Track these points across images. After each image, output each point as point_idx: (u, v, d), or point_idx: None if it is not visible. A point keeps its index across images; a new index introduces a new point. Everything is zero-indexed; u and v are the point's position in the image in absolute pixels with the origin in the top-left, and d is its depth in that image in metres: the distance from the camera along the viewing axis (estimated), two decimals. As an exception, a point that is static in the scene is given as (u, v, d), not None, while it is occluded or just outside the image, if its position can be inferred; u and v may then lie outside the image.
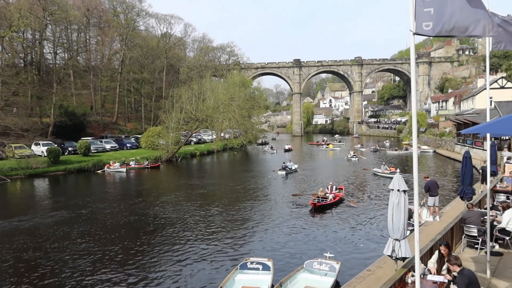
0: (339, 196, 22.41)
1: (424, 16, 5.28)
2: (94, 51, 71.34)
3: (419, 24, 5.31)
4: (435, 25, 5.21)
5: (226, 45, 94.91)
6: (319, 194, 21.75)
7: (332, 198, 21.64)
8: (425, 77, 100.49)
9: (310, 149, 64.39)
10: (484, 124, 8.93)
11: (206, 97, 53.60)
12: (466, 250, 11.68)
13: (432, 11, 5.23)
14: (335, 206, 21.38)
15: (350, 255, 13.88)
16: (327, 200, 21.22)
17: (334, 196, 22.02)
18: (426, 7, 5.27)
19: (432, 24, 5.24)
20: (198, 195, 25.95)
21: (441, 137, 54.28)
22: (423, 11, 5.28)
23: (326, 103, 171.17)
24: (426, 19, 5.28)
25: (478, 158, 32.26)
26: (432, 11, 5.23)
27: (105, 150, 47.50)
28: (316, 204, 20.43)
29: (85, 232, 17.46)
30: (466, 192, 14.20)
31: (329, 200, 21.32)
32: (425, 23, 5.29)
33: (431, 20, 5.23)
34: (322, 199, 21.22)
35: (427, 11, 5.27)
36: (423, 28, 5.29)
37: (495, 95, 45.80)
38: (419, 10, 5.30)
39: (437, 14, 5.21)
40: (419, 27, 5.31)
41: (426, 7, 5.27)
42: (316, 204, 20.47)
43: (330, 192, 22.37)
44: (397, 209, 8.31)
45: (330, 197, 21.62)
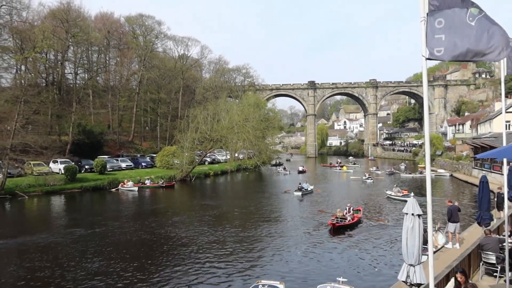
0: (357, 217, 22.74)
1: (436, 42, 5.39)
2: (113, 71, 73.15)
3: (431, 50, 5.42)
4: (447, 50, 5.32)
5: (242, 66, 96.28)
6: (338, 215, 22.07)
7: (350, 219, 21.99)
8: (441, 100, 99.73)
9: (323, 171, 63.99)
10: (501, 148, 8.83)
11: (221, 118, 54.07)
12: (484, 278, 11.37)
13: (443, 37, 5.34)
14: (353, 227, 21.61)
15: (365, 280, 13.63)
16: (346, 221, 21.55)
17: (352, 217, 22.35)
18: (437, 34, 5.39)
19: (443, 50, 5.34)
20: (212, 215, 25.94)
21: (458, 161, 53.38)
22: (434, 37, 5.40)
23: (341, 124, 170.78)
24: (437, 45, 5.39)
25: (496, 183, 31.57)
26: (443, 37, 5.34)
27: (121, 168, 48.04)
28: (335, 225, 20.74)
29: (99, 250, 17.57)
30: (483, 217, 13.91)
31: (347, 221, 21.64)
32: (436, 48, 5.40)
33: (443, 46, 5.33)
34: (341, 219, 21.57)
35: (438, 37, 5.38)
36: (435, 53, 5.40)
37: (513, 119, 45.12)
38: (430, 36, 5.42)
39: (449, 40, 5.32)
40: (431, 52, 5.41)
41: (437, 34, 5.39)
42: (335, 224, 20.77)
43: (348, 213, 22.69)
44: (411, 233, 8.21)
45: (349, 218, 21.97)
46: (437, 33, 5.38)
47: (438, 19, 5.39)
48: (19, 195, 33.17)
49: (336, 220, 21.42)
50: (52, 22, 53.21)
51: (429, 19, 5.43)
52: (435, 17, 5.41)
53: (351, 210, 23.45)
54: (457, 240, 15.19)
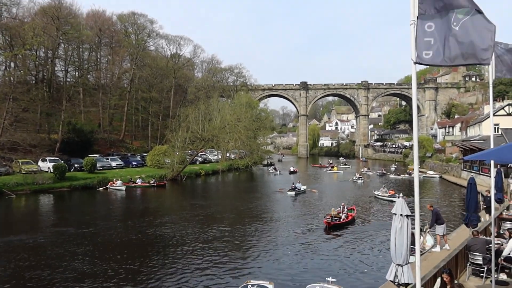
0: (351, 216, 23.40)
1: (425, 45, 5.43)
2: (104, 69, 72.55)
3: (419, 53, 5.45)
4: (434, 54, 5.36)
5: (234, 66, 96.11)
6: (332, 214, 22.75)
7: (344, 217, 22.69)
8: (431, 102, 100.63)
9: (315, 172, 64.26)
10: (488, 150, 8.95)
11: (213, 117, 53.99)
12: (471, 278, 11.48)
13: (432, 41, 5.38)
14: (347, 225, 22.18)
15: (354, 280, 13.70)
16: (340, 220, 22.19)
17: (346, 216, 23.03)
18: (426, 37, 5.43)
19: (431, 54, 5.38)
20: (202, 215, 25.88)
21: (448, 163, 53.94)
22: (424, 40, 5.43)
23: (332, 125, 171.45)
24: (426, 48, 5.42)
25: (484, 185, 31.97)
26: (432, 41, 5.38)
27: (111, 167, 47.71)
28: (330, 223, 21.38)
29: (88, 250, 17.43)
30: (471, 219, 14.04)
31: (342, 219, 22.30)
32: (425, 52, 5.43)
33: (431, 50, 5.37)
34: (335, 218, 22.23)
35: (427, 41, 5.42)
36: (423, 56, 5.43)
37: (502, 122, 45.67)
38: (420, 39, 5.45)
39: (437, 44, 5.36)
40: (419, 56, 5.44)
41: (426, 37, 5.43)
42: (330, 223, 21.42)
43: (342, 212, 23.38)
44: (399, 233, 8.27)
45: (343, 217, 22.68)
46: (427, 36, 5.42)
47: (428, 23, 5.43)
48: (6, 193, 32.72)
49: (331, 219, 21.98)
50: (43, 19, 52.53)
51: (419, 22, 5.46)
52: (425, 21, 5.45)
53: (345, 209, 24.00)
54: (445, 241, 15.26)
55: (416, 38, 5.47)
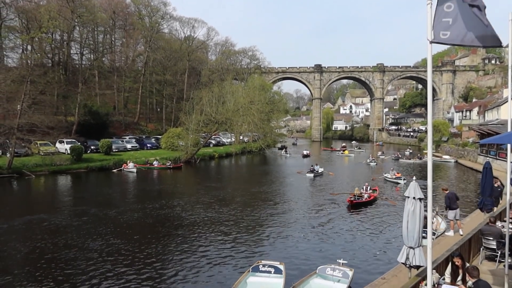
0: (373, 196, 24.57)
1: (443, 25, 5.38)
2: (118, 52, 72.94)
3: (436, 33, 5.41)
4: (452, 34, 5.32)
5: (248, 49, 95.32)
6: (355, 193, 23.90)
7: (367, 197, 23.90)
8: (448, 85, 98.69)
9: (327, 155, 64.17)
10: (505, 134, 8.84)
11: (226, 100, 53.98)
12: (484, 263, 11.50)
13: (450, 21, 5.33)
14: (369, 204, 23.37)
15: (366, 262, 13.82)
16: (362, 199, 23.42)
17: (369, 195, 24.22)
18: (445, 17, 5.37)
19: (449, 33, 5.34)
20: (216, 196, 26.20)
21: (464, 147, 53.13)
22: (442, 21, 5.38)
23: (347, 109, 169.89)
24: (444, 28, 5.38)
25: (501, 170, 31.56)
26: (450, 21, 5.33)
27: (126, 149, 48.45)
28: (352, 202, 22.61)
29: (103, 230, 17.85)
30: (485, 203, 13.92)
31: (364, 199, 23.53)
32: (442, 32, 5.39)
33: (449, 30, 5.33)
34: (358, 197, 23.41)
35: (445, 21, 5.37)
36: (441, 36, 5.39)
37: (521, 106, 44.62)
38: (438, 19, 5.40)
39: (455, 24, 5.31)
40: (436, 36, 5.41)
41: (445, 17, 5.37)
42: (353, 201, 22.64)
43: (365, 192, 24.58)
44: (412, 216, 8.29)
45: (365, 196, 23.92)
46: (445, 16, 5.37)
47: (448, 3, 5.38)
48: (26, 174, 33.61)
49: (354, 197, 23.20)
50: (58, 1, 52.80)
51: (439, 2, 5.41)
52: (445, 1, 5.39)
53: (368, 189, 25.30)
54: (459, 226, 15.21)
55: (435, 18, 5.42)
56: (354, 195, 23.65)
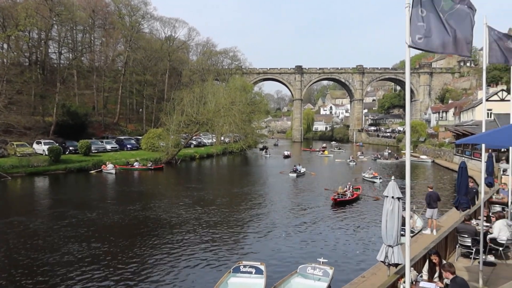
0: (357, 194, 25.44)
1: (418, 29, 5.56)
2: (98, 52, 71.76)
3: (413, 37, 5.59)
4: (425, 39, 5.51)
5: (229, 49, 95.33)
6: (339, 191, 24.70)
7: (350, 195, 24.66)
8: (426, 87, 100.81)
9: (307, 155, 64.76)
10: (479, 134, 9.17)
11: (207, 101, 53.82)
12: (460, 260, 11.84)
13: (424, 26, 5.52)
14: (352, 202, 24.17)
15: (346, 260, 14.04)
16: (346, 197, 24.21)
17: (352, 193, 24.99)
18: (419, 22, 5.56)
19: (423, 38, 5.53)
20: (197, 197, 26.12)
21: (440, 148, 54.44)
22: (417, 25, 5.56)
23: (327, 110, 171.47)
24: (419, 32, 5.56)
25: (476, 170, 32.47)
26: (424, 26, 5.52)
27: (106, 150, 47.78)
28: (336, 200, 23.40)
29: (82, 233, 17.56)
30: (461, 202, 14.32)
31: (347, 197, 24.30)
32: (418, 35, 5.57)
33: (422, 34, 5.52)
34: (341, 195, 24.16)
35: (420, 25, 5.55)
36: (416, 40, 5.58)
37: (495, 108, 46.08)
38: (414, 22, 5.57)
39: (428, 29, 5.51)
40: (413, 40, 5.59)
41: (420, 21, 5.56)
42: (337, 199, 23.42)
43: (348, 190, 25.33)
44: (391, 215, 8.50)
45: (349, 195, 24.65)
46: (420, 20, 5.55)
47: (421, 8, 5.56)
48: (2, 176, 32.72)
49: (338, 195, 23.89)
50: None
51: (414, 8, 5.59)
52: (418, 6, 5.57)
53: (351, 187, 25.99)
54: (434, 226, 15.55)
55: (410, 21, 5.59)
56: (338, 193, 24.38)
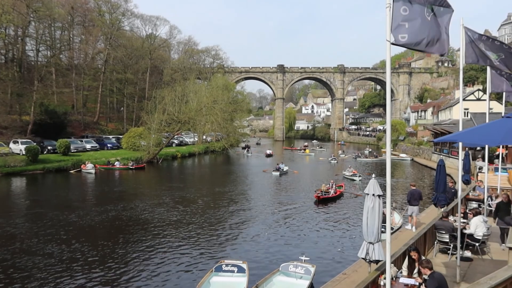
0: (339, 192, 26.07)
1: (400, 28, 5.68)
2: (77, 49, 70.33)
3: (395, 36, 5.70)
4: (409, 37, 5.64)
5: (211, 48, 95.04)
6: (322, 189, 25.20)
7: (333, 192, 25.16)
8: (405, 86, 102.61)
9: (289, 154, 65.15)
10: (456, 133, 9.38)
11: (189, 99, 53.55)
12: (438, 255, 12.10)
13: (407, 25, 5.64)
14: (335, 200, 24.75)
15: (328, 258, 14.18)
16: (329, 194, 24.66)
17: (335, 191, 25.46)
18: (402, 21, 5.68)
19: (407, 36, 5.66)
20: (178, 197, 25.96)
21: (419, 146, 55.49)
22: (399, 24, 5.68)
23: (308, 109, 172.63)
24: (401, 31, 5.69)
25: (453, 167, 33.22)
26: (407, 25, 5.64)
27: (86, 149, 46.99)
28: (319, 197, 23.88)
29: (62, 234, 17.23)
30: (439, 199, 14.64)
31: (330, 194, 24.77)
32: (401, 35, 5.70)
33: (406, 33, 5.64)
34: (325, 193, 24.63)
35: (402, 24, 5.67)
36: (400, 39, 5.69)
37: (472, 107, 47.22)
38: (395, 22, 5.69)
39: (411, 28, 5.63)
40: (396, 38, 5.70)
41: (402, 21, 5.68)
42: (320, 197, 23.90)
43: (331, 188, 25.75)
44: (371, 213, 8.61)
45: (332, 192, 25.09)
46: (402, 20, 5.66)
47: (403, 7, 5.67)
48: (-23, 176, 31.87)
49: (321, 193, 24.40)
50: (12, -5, 50.34)
51: (395, 6, 5.69)
52: (401, 5, 5.67)
53: (334, 185, 26.38)
54: (414, 223, 15.89)
55: (392, 20, 5.70)
56: (321, 191, 24.85)
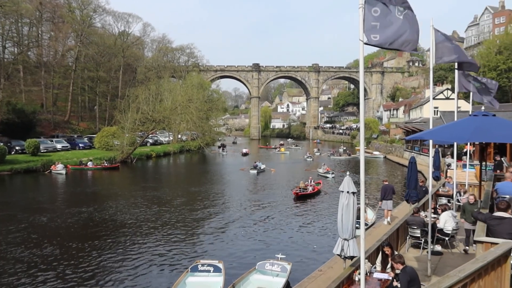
0: (317, 189, 26.59)
1: (372, 29, 5.79)
2: (46, 46, 68.16)
3: (368, 36, 5.81)
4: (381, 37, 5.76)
5: (186, 46, 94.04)
6: (301, 186, 25.67)
7: (311, 189, 25.70)
8: (378, 85, 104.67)
9: (265, 153, 65.42)
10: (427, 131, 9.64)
11: (164, 98, 52.94)
12: (410, 250, 12.42)
13: (378, 25, 5.76)
14: (313, 196, 25.35)
15: (304, 255, 14.29)
16: (307, 191, 25.26)
17: (313, 188, 26.04)
18: (373, 21, 5.79)
19: (378, 37, 5.77)
20: (153, 197, 25.62)
21: (392, 144, 56.70)
22: (371, 24, 5.79)
23: (284, 107, 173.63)
24: (373, 32, 5.80)
25: (424, 164, 34.13)
26: (378, 25, 5.76)
27: (56, 150, 45.72)
28: (298, 194, 24.39)
29: (32, 237, 16.70)
30: (411, 195, 15.04)
31: (309, 191, 25.34)
32: (373, 35, 5.81)
33: (378, 33, 5.76)
34: (303, 189, 25.15)
35: (374, 25, 5.79)
36: (372, 39, 5.80)
37: (441, 105, 48.58)
38: (367, 23, 5.79)
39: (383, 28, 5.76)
40: (368, 39, 5.81)
41: (373, 21, 5.79)
42: (298, 193, 24.41)
43: (309, 185, 26.39)
44: (346, 210, 8.74)
45: (310, 189, 25.68)
46: (373, 20, 5.78)
47: (374, 8, 5.78)
48: None
49: (299, 190, 24.88)
50: (-25, -11, 48.41)
51: (367, 7, 5.79)
52: (372, 6, 5.79)
53: (312, 182, 27.18)
54: (388, 215, 16.53)
55: (364, 21, 5.81)
56: (300, 187, 25.32)
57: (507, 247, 5.54)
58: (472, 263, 5.14)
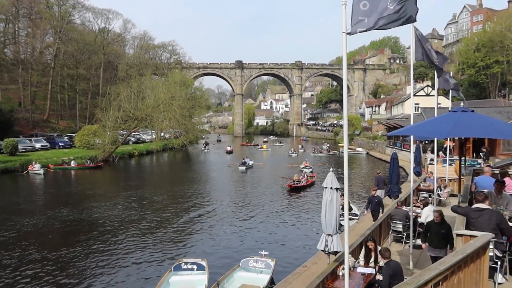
0: (310, 181, 28.03)
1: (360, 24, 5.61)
2: (23, 43, 66.55)
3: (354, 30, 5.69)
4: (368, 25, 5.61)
5: (168, 43, 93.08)
6: (295, 179, 27.20)
7: (304, 182, 27.22)
8: (360, 82, 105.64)
9: (248, 150, 65.36)
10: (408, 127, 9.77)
11: (146, 96, 52.31)
12: (392, 244, 12.57)
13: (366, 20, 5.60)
14: (306, 188, 26.80)
15: (287, 251, 14.35)
16: (301, 183, 26.74)
17: (306, 180, 27.56)
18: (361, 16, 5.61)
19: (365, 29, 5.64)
20: (136, 196, 25.32)
21: (374, 140, 57.36)
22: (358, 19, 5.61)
23: (267, 105, 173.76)
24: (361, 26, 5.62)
25: (406, 160, 34.62)
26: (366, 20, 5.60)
27: (35, 149, 44.75)
28: (291, 186, 26.04)
29: (11, 240, 16.34)
30: (393, 190, 15.26)
31: (302, 183, 26.80)
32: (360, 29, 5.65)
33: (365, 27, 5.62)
34: (296, 182, 26.68)
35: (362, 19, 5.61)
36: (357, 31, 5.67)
37: (422, 102, 49.36)
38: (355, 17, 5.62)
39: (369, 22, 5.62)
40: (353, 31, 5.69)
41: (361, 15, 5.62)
42: (292, 186, 26.04)
43: (303, 178, 27.83)
44: (330, 206, 8.79)
45: (303, 182, 27.13)
46: (361, 15, 5.65)
47: (363, 2, 5.66)
48: None
49: (293, 182, 26.48)
50: None
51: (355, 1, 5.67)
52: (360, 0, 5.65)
53: (305, 175, 28.67)
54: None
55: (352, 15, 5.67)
56: (294, 180, 26.83)
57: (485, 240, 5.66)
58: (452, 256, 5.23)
